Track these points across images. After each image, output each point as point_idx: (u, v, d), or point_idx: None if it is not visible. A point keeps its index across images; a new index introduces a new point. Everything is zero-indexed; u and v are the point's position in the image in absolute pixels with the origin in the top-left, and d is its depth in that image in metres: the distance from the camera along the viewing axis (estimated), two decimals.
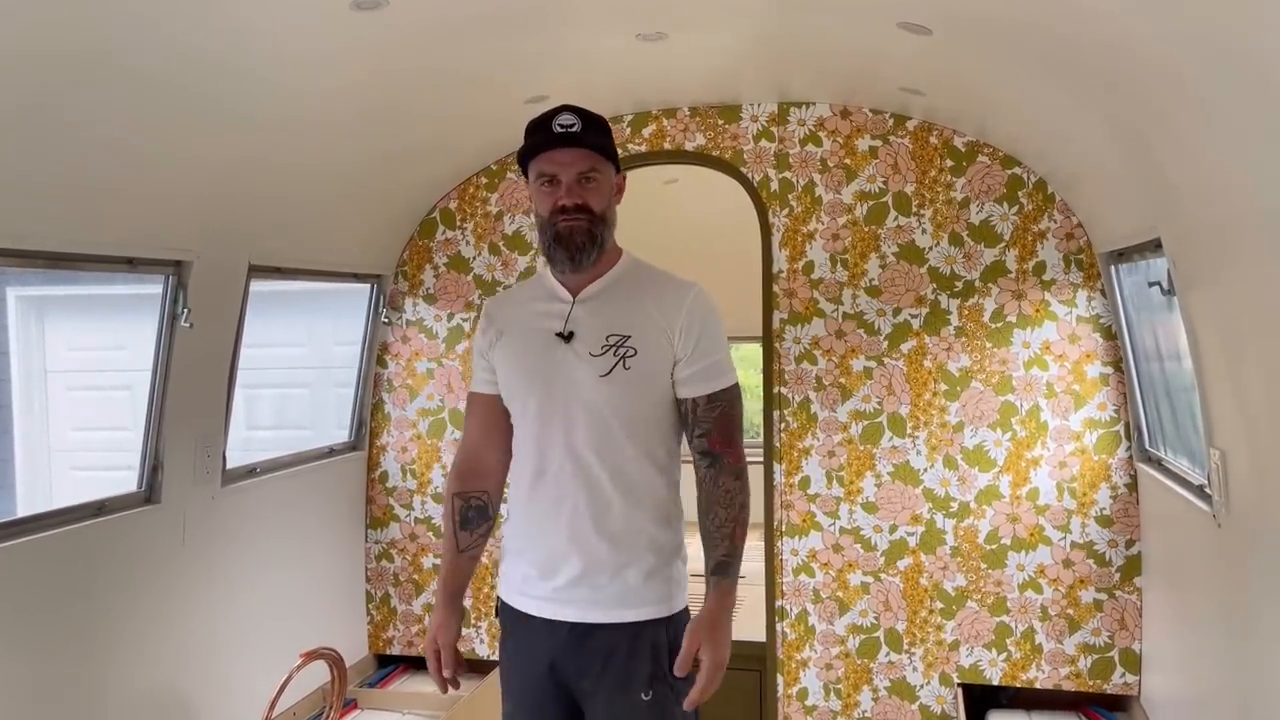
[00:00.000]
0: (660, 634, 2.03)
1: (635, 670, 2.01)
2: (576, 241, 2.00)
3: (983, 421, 3.45)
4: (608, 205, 2.05)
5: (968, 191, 3.45)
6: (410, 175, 3.55)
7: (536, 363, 2.07)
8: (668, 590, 2.06)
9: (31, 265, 2.37)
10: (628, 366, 2.02)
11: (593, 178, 2.01)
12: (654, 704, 2.00)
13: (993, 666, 3.45)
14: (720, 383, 2.06)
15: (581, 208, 2.00)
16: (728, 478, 2.03)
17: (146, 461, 2.82)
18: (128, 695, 2.71)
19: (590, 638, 2.03)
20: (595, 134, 2.01)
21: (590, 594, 2.03)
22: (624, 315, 2.06)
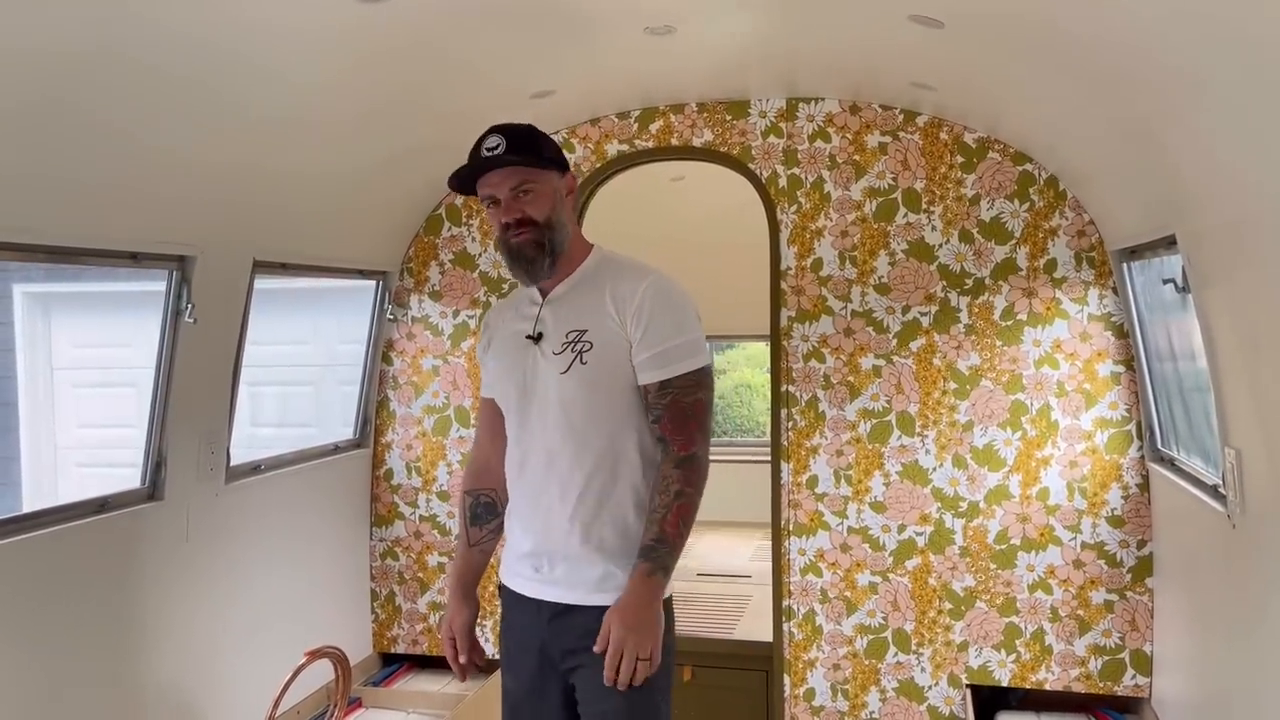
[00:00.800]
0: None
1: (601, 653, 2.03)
2: (527, 254, 2.10)
3: (992, 420, 3.42)
4: (552, 210, 2.10)
5: (978, 188, 3.42)
6: (416, 171, 3.53)
7: (513, 365, 2.19)
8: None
9: (34, 259, 2.35)
10: (584, 361, 2.10)
11: (528, 189, 2.08)
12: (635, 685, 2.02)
13: (1002, 668, 3.42)
14: (673, 369, 2.07)
15: (523, 221, 2.08)
16: (668, 464, 2.06)
17: (150, 458, 2.80)
18: (131, 692, 2.70)
19: (570, 618, 2.10)
20: (519, 149, 2.07)
21: (568, 577, 2.11)
22: (582, 311, 2.13)
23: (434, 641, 3.88)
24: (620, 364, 2.09)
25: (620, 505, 2.10)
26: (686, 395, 2.06)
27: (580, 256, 2.17)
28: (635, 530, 2.09)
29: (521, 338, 2.17)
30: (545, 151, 2.12)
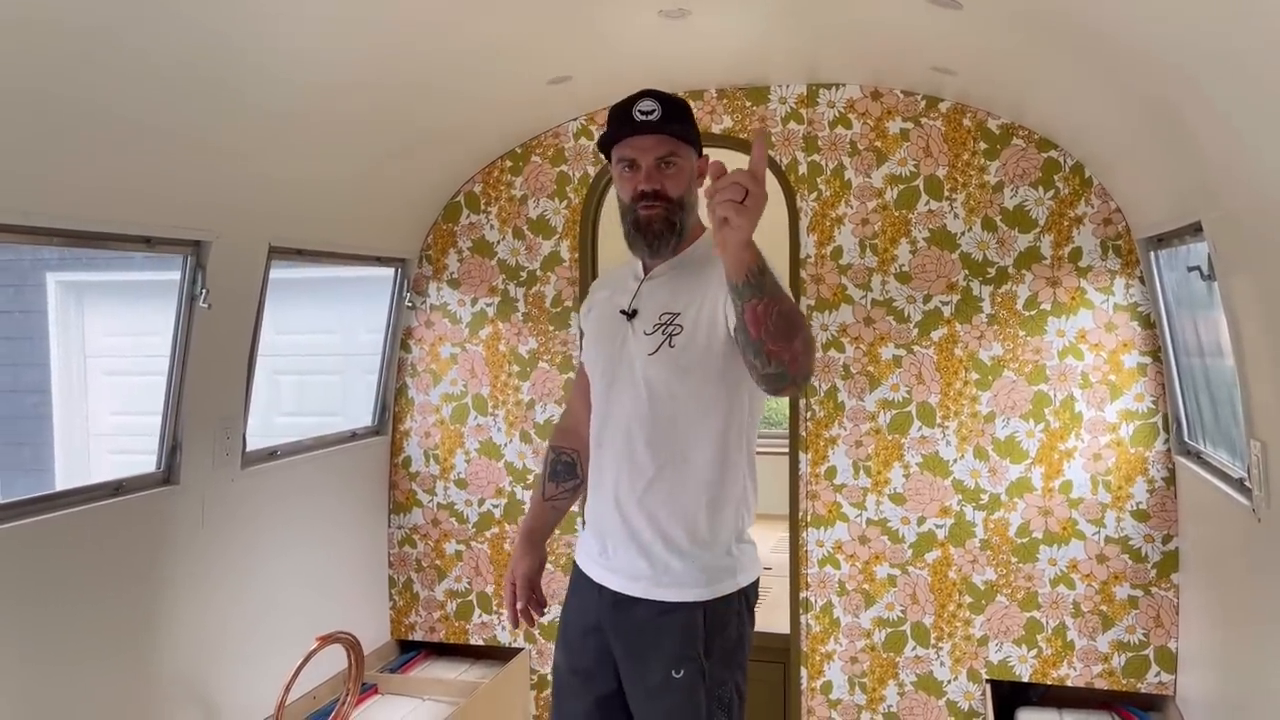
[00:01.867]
0: (695, 617, 2.01)
1: (666, 647, 2.01)
2: (655, 229, 2.03)
3: (1015, 412, 3.36)
4: (686, 190, 2.05)
5: (1002, 175, 3.36)
6: (433, 158, 3.52)
7: (606, 339, 2.14)
8: (707, 576, 2.02)
9: (50, 243, 2.36)
10: (673, 345, 2.02)
11: (672, 162, 2.01)
12: (683, 682, 1.99)
13: (1023, 663, 3.36)
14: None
15: (659, 194, 2.01)
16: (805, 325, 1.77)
17: (165, 442, 2.82)
18: (145, 674, 2.72)
19: (627, 608, 2.05)
20: (674, 120, 2.01)
21: (628, 566, 2.05)
22: (681, 294, 2.05)
23: (451, 629, 3.88)
24: (711, 351, 1.99)
25: (690, 500, 2.02)
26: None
27: (694, 237, 2.10)
28: (703, 529, 2.02)
29: (617, 312, 2.11)
30: (693, 128, 2.07)
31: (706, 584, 2.01)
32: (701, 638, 2.00)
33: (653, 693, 2.03)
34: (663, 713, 2.03)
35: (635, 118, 1.99)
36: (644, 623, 2.03)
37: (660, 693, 2.02)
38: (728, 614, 2.03)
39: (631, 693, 2.09)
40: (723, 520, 2.03)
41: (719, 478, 2.03)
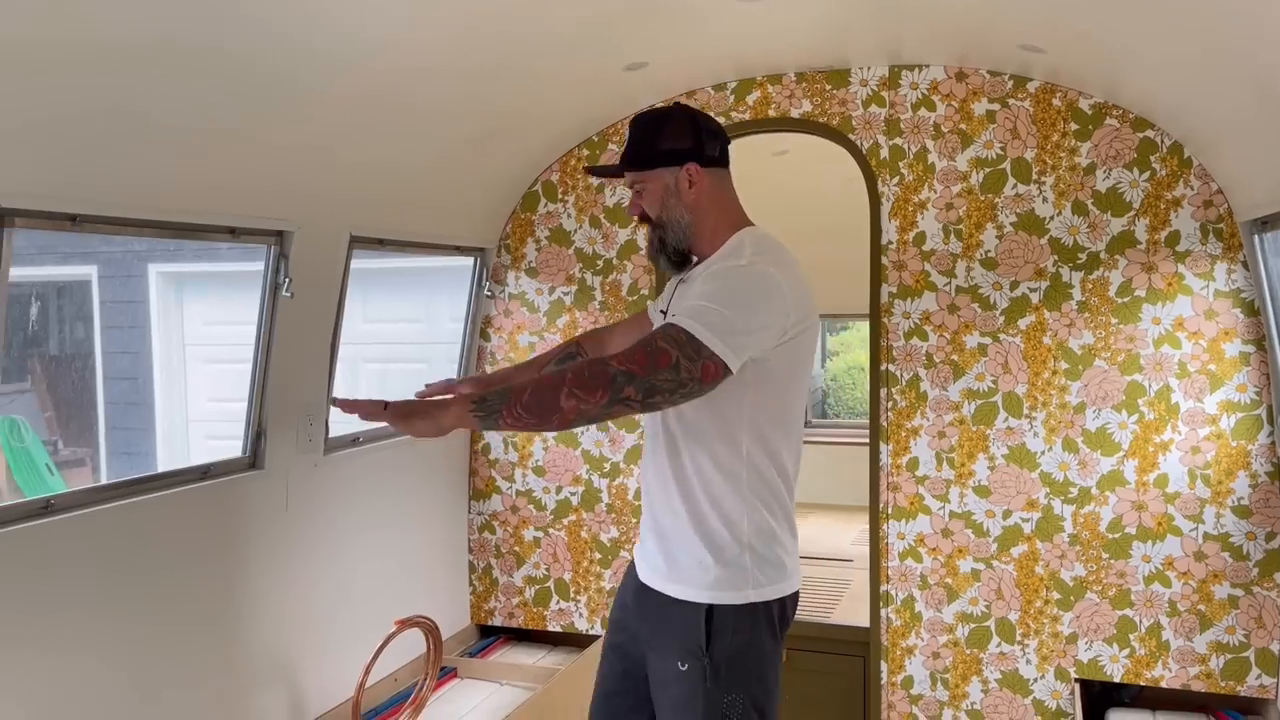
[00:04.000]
0: (698, 616, 2.02)
1: (674, 638, 2.06)
2: (651, 251, 2.19)
3: (1106, 402, 3.23)
4: (662, 207, 2.11)
5: (1094, 157, 3.23)
6: (511, 147, 3.54)
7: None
8: (713, 579, 2.02)
9: (141, 233, 2.44)
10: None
11: (638, 189, 2.14)
12: (687, 676, 2.03)
13: (1114, 663, 3.24)
14: (677, 319, 1.89)
15: (641, 216, 2.16)
16: (588, 358, 1.94)
17: (250, 428, 2.89)
18: (233, 651, 2.80)
19: (648, 595, 2.13)
20: (631, 148, 2.13)
21: (649, 556, 2.14)
22: (687, 295, 2.09)
23: (530, 615, 3.92)
24: None
25: (699, 504, 2.04)
26: (663, 339, 1.84)
27: (723, 240, 2.11)
28: (713, 530, 2.02)
29: (658, 311, 2.24)
30: (662, 145, 2.09)
31: (710, 587, 2.02)
32: (703, 638, 2.01)
33: (662, 681, 2.10)
34: (668, 702, 2.09)
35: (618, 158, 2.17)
36: (658, 612, 2.09)
37: (668, 682, 2.07)
38: (737, 623, 2.02)
39: (650, 681, 2.15)
40: (730, 528, 2.02)
41: (731, 486, 2.03)
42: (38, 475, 5.90)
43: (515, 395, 1.80)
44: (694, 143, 2.10)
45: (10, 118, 1.94)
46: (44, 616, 2.23)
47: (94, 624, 2.35)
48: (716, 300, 1.91)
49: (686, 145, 2.09)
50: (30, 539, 2.20)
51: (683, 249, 2.13)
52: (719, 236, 2.11)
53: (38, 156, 2.05)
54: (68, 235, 6.72)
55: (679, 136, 2.10)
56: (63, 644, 2.28)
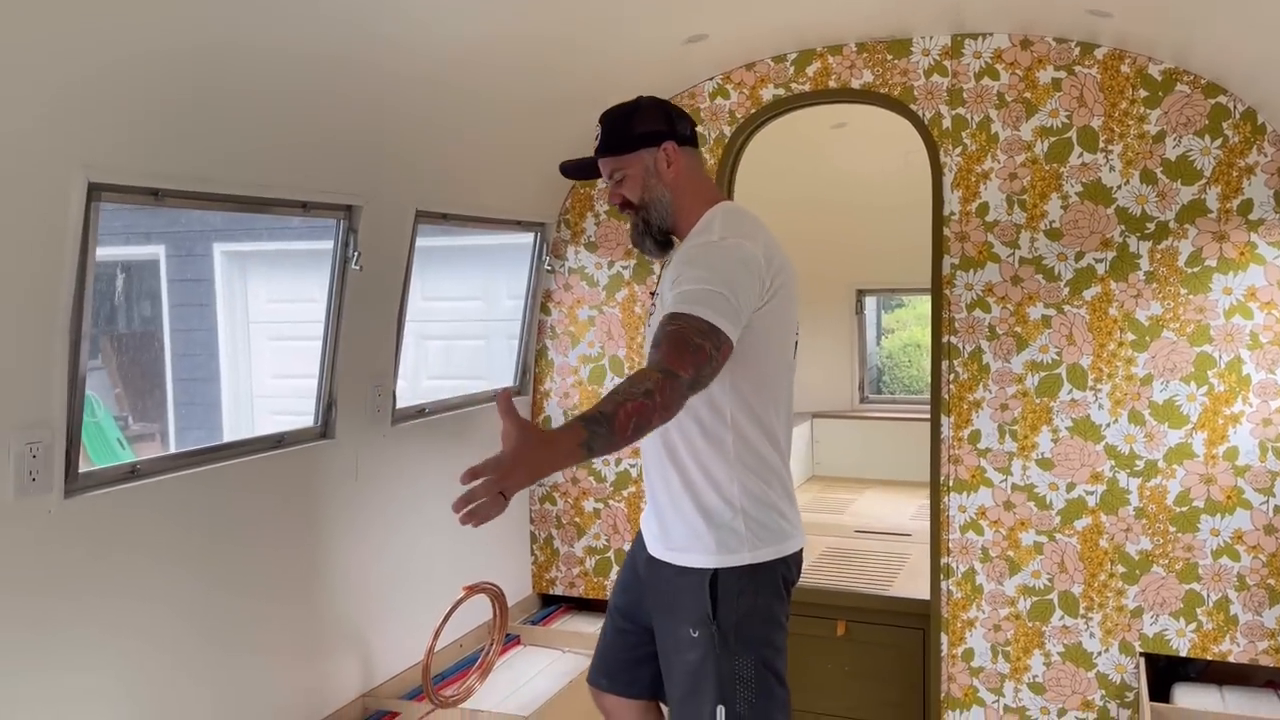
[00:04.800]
0: (703, 582, 2.09)
1: (679, 607, 2.13)
2: (635, 235, 2.24)
3: (1175, 374, 3.18)
4: (643, 189, 2.18)
5: (1163, 124, 3.17)
6: (571, 121, 3.56)
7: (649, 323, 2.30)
8: (711, 545, 2.10)
9: (217, 208, 2.51)
10: (650, 324, 2.18)
11: (618, 178, 2.20)
12: (698, 642, 2.09)
13: (1180, 637, 3.21)
14: (688, 308, 1.89)
15: (623, 204, 2.21)
16: (654, 369, 1.85)
17: (322, 399, 2.97)
18: (306, 615, 2.89)
19: (656, 567, 2.20)
20: (603, 139, 2.21)
21: (655, 530, 2.21)
22: (667, 274, 2.16)
23: (590, 584, 3.97)
24: None
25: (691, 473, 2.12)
26: (695, 335, 1.86)
27: (696, 219, 2.19)
28: (704, 496, 2.11)
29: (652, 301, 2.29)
30: (635, 131, 2.18)
31: (709, 552, 2.09)
32: (709, 604, 2.08)
33: (673, 648, 2.15)
34: (679, 668, 2.14)
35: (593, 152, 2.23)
36: (665, 582, 2.16)
37: (679, 649, 2.13)
38: (740, 586, 2.09)
39: (659, 649, 2.22)
40: (720, 493, 2.10)
41: (719, 453, 2.10)
42: (109, 450, 6.09)
43: (620, 432, 1.74)
44: (667, 124, 2.20)
45: (102, 99, 2.01)
46: (128, 576, 2.32)
47: (173, 585, 2.44)
48: (711, 282, 1.95)
49: (661, 127, 2.19)
50: (116, 502, 2.29)
51: (666, 228, 2.20)
52: (695, 213, 2.19)
53: (124, 135, 2.13)
54: (137, 216, 6.88)
55: (652, 120, 2.19)
56: (145, 603, 2.37)
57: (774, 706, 2.11)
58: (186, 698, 2.48)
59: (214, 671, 2.56)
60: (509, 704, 3.15)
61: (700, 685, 2.10)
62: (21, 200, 1.97)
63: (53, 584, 2.14)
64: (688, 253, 2.09)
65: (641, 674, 2.33)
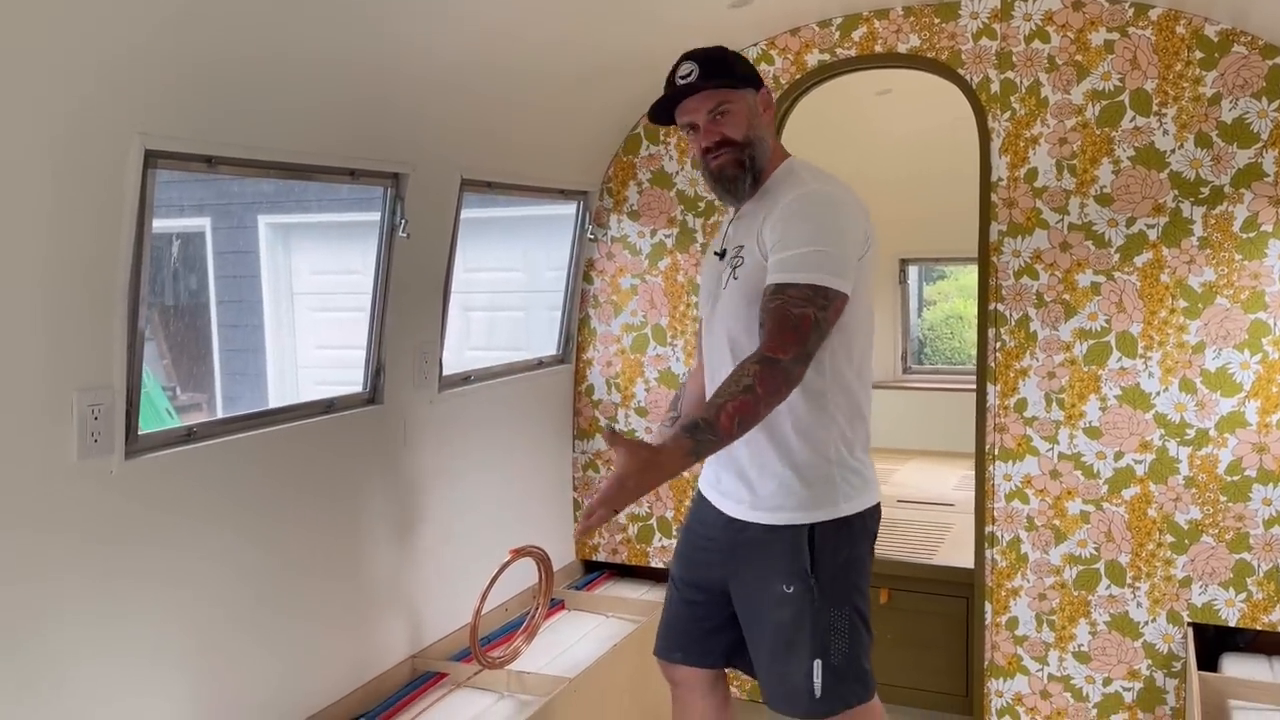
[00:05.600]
0: (801, 538, 2.09)
1: (774, 565, 2.11)
2: (728, 174, 2.13)
3: (1228, 342, 3.13)
4: (748, 128, 2.13)
5: (1219, 86, 3.10)
6: (614, 90, 3.56)
7: (706, 281, 2.30)
8: (806, 499, 2.10)
9: (268, 175, 2.54)
10: (736, 277, 2.13)
11: (724, 110, 2.11)
12: (793, 598, 2.09)
13: (1230, 607, 3.18)
14: (792, 276, 1.96)
15: (722, 142, 2.11)
16: (752, 358, 1.93)
17: (370, 365, 3.00)
18: (356, 578, 2.94)
19: (740, 529, 2.17)
20: (712, 72, 2.09)
21: (735, 491, 2.18)
22: (748, 227, 2.15)
23: (633, 551, 4.00)
24: (763, 282, 2.05)
25: (778, 428, 2.09)
26: (796, 306, 1.94)
27: (772, 169, 2.18)
28: (799, 451, 2.10)
29: (713, 253, 2.26)
30: (738, 70, 2.14)
31: (807, 507, 2.09)
32: (807, 559, 2.08)
33: (765, 608, 2.14)
34: (774, 625, 2.14)
35: (677, 84, 2.10)
36: (753, 542, 2.13)
37: (772, 607, 2.12)
38: (836, 538, 2.10)
39: (743, 611, 2.20)
40: (816, 446, 2.10)
41: (809, 406, 2.08)
42: (159, 419, 6.21)
43: (725, 433, 1.88)
44: (755, 72, 2.20)
45: (157, 68, 2.04)
46: (186, 535, 2.38)
47: (228, 545, 2.49)
48: (814, 240, 1.98)
49: (754, 72, 2.19)
50: (174, 464, 2.34)
51: (761, 170, 2.15)
52: (774, 165, 2.18)
53: (179, 103, 2.16)
54: (183, 189, 6.96)
55: (748, 65, 2.18)
56: (201, 562, 2.42)
57: (863, 653, 2.15)
58: (241, 651, 2.54)
59: (267, 629, 2.62)
60: (555, 666, 3.19)
61: (796, 641, 2.10)
62: (82, 168, 2.01)
63: (116, 541, 2.20)
64: (787, 208, 2.04)
65: (716, 643, 2.30)
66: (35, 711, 2.04)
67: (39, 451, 2.03)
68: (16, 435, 1.99)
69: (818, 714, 2.15)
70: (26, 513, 2.02)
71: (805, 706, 2.14)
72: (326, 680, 2.82)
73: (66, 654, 2.10)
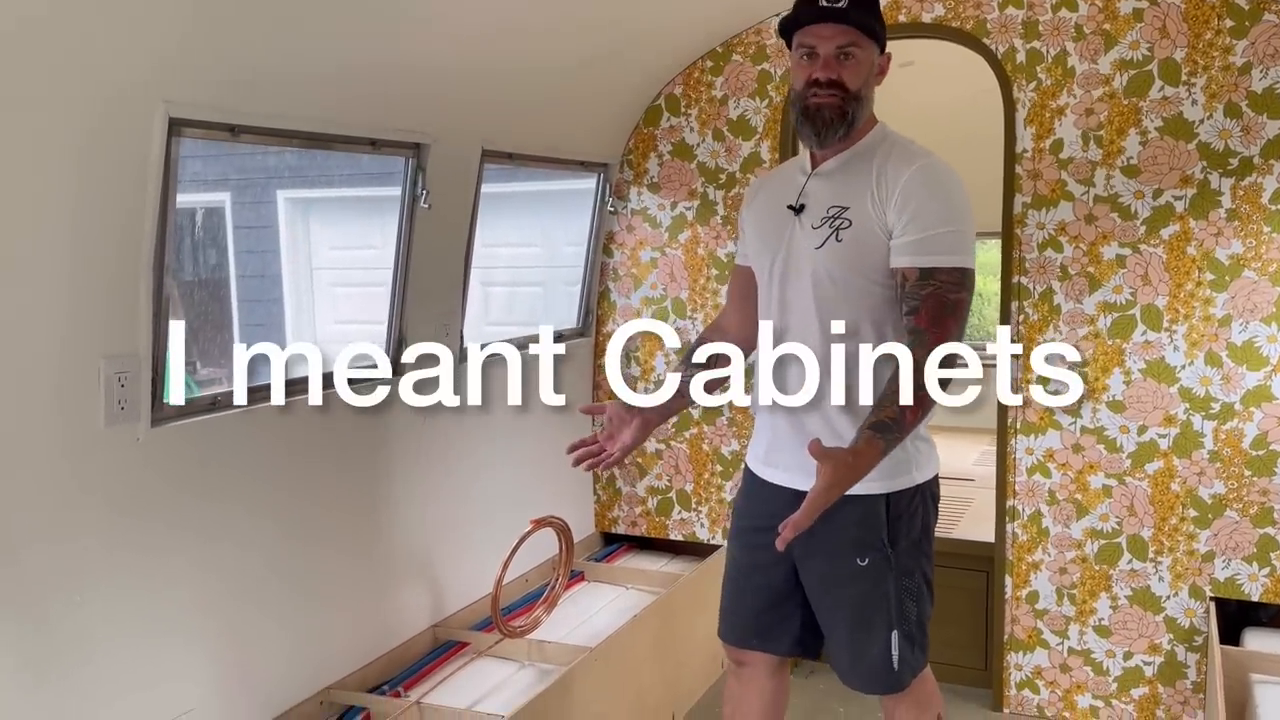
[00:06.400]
0: (877, 508, 2.05)
1: (850, 536, 2.05)
2: (825, 117, 2.01)
3: (1255, 315, 3.10)
4: (864, 84, 2.04)
5: (1249, 55, 3.05)
6: (635, 61, 3.54)
7: (771, 233, 2.17)
8: (885, 468, 1.98)
9: (289, 144, 2.54)
10: (840, 239, 2.03)
11: (851, 54, 2.00)
12: (870, 570, 2.05)
13: (1253, 581, 3.16)
14: (938, 259, 1.94)
15: (835, 83, 1.99)
16: (920, 350, 1.90)
17: (391, 335, 3.01)
18: (377, 549, 2.96)
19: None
20: (860, 10, 1.99)
21: (805, 463, 1.99)
22: (849, 187, 2.05)
23: (652, 524, 4.02)
24: (874, 250, 2.01)
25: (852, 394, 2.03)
26: (951, 291, 1.92)
27: (864, 131, 2.10)
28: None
29: (783, 207, 2.12)
30: (879, 23, 2.06)
31: (885, 477, 2.03)
32: (884, 528, 2.05)
33: (839, 581, 2.10)
34: (850, 600, 2.10)
35: (820, 3, 1.97)
36: (825, 516, 2.00)
37: (848, 580, 2.08)
38: (911, 506, 2.07)
39: (813, 586, 2.14)
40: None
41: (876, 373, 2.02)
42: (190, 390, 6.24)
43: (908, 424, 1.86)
44: (886, 33, 2.10)
45: (182, 35, 2.04)
46: (212, 502, 2.40)
47: (250, 514, 2.51)
48: (949, 220, 1.96)
49: (886, 35, 2.09)
50: (200, 432, 2.36)
51: (856, 128, 2.06)
52: (867, 125, 2.11)
53: (203, 72, 2.16)
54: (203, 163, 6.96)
55: (884, 24, 2.08)
56: (228, 529, 2.45)
57: (928, 613, 2.15)
58: (264, 618, 2.57)
59: (290, 596, 2.65)
60: (575, 636, 3.21)
61: (874, 616, 2.08)
62: (108, 136, 2.02)
63: (143, 508, 2.22)
64: (913, 181, 1.98)
65: (785, 630, 2.22)
66: (64, 678, 2.07)
67: (67, 418, 2.05)
68: (45, 402, 2.01)
69: (897, 688, 2.12)
70: (57, 478, 2.04)
71: (885, 681, 2.11)
72: (348, 649, 2.84)
73: (96, 619, 2.12)
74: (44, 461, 2.02)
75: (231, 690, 2.47)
